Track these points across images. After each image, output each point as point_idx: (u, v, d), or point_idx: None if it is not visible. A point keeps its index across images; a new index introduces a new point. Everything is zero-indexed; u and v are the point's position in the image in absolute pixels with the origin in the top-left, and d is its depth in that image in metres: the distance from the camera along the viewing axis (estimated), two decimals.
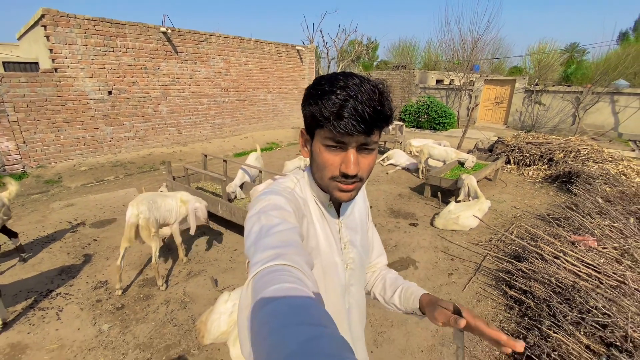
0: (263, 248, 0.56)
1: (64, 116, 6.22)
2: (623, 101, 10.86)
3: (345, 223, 0.86)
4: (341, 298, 0.86)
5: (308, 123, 0.72)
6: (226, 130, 9.43)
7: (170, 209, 3.14)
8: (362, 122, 0.63)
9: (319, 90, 0.66)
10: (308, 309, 0.43)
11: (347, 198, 0.73)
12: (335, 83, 0.65)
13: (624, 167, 5.80)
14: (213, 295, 2.90)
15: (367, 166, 0.70)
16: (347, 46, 19.43)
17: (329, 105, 0.64)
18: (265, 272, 0.50)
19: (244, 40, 9.19)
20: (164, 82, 7.64)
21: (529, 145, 7.19)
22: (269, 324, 0.41)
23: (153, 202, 2.98)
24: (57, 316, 2.61)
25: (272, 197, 0.70)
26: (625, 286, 2.40)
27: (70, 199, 5.19)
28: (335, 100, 0.63)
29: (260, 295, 0.46)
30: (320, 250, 0.79)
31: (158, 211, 2.99)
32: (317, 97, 0.66)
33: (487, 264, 3.44)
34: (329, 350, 0.36)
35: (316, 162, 0.73)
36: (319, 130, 0.69)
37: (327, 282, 0.81)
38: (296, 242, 0.59)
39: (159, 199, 3.09)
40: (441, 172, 5.51)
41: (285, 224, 0.63)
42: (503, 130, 12.34)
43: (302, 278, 0.50)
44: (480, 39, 12.30)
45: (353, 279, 0.88)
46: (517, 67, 25.01)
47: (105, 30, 6.42)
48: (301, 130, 0.77)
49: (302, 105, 0.72)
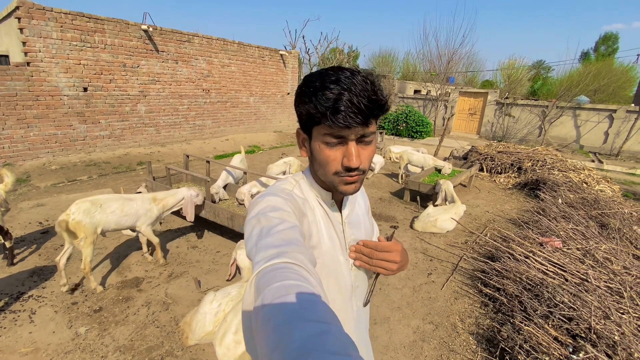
0: (265, 247, 0.55)
1: (35, 112, 5.92)
2: (584, 116, 11.72)
3: (348, 221, 0.85)
4: (348, 300, 0.83)
5: (304, 122, 0.71)
6: (207, 132, 9.29)
7: (131, 213, 2.93)
8: (360, 113, 0.62)
9: (312, 87, 0.65)
10: (312, 305, 0.43)
11: (353, 190, 0.73)
12: (326, 78, 0.64)
13: (585, 176, 6.26)
14: (196, 297, 2.86)
15: (367, 157, 0.70)
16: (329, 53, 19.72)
17: (324, 101, 0.63)
18: (268, 269, 0.50)
19: (228, 43, 9.15)
20: (143, 81, 7.45)
21: (500, 154, 7.61)
22: (272, 320, 0.40)
23: (101, 205, 2.75)
24: (30, 319, 2.48)
25: (270, 199, 0.69)
26: (588, 283, 2.61)
27: (40, 198, 4.93)
28: (330, 95, 0.62)
29: (264, 293, 0.45)
30: (323, 249, 0.77)
31: (105, 216, 2.74)
32: (310, 94, 0.65)
33: (464, 264, 3.61)
34: (332, 347, 0.36)
35: (317, 160, 0.72)
36: (316, 128, 0.68)
37: (331, 281, 0.79)
38: (298, 241, 0.59)
39: (115, 203, 2.86)
40: (420, 177, 5.72)
41: (285, 223, 0.62)
42: (476, 140, 12.93)
43: (306, 275, 0.50)
44: (456, 53, 12.91)
45: (358, 280, 0.86)
46: (489, 80, 26.33)
47: (82, 25, 6.20)
48: (297, 130, 0.76)
49: (295, 104, 0.71)
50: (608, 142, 11.39)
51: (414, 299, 3.00)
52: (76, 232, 2.63)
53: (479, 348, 2.43)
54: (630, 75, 20.46)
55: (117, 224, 2.87)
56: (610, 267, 2.84)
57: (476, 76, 24.89)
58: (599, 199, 4.75)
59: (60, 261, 2.74)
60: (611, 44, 28.28)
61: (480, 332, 2.60)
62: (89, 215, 2.67)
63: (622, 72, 19.31)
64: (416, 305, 2.92)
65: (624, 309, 2.31)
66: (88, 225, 2.65)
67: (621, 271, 2.78)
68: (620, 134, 11.09)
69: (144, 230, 3.08)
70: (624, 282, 2.58)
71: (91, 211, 2.69)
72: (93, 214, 2.69)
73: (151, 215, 3.09)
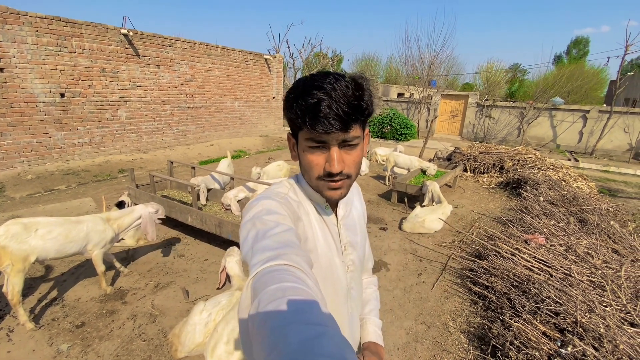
0: (261, 250, 0.55)
1: (9, 120, 5.65)
2: (560, 116, 12.19)
3: (343, 223, 0.85)
4: (344, 302, 0.84)
5: (291, 126, 0.72)
6: (190, 137, 9.13)
7: (79, 238, 2.59)
8: (338, 119, 0.62)
9: (295, 92, 0.66)
10: (309, 307, 0.43)
11: (338, 196, 0.73)
12: (309, 84, 0.65)
13: (563, 174, 6.50)
14: (185, 307, 2.78)
15: (352, 162, 0.70)
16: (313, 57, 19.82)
17: (304, 107, 0.63)
18: (265, 272, 0.49)
19: (211, 47, 9.05)
20: (123, 86, 7.26)
21: (483, 154, 7.80)
22: (269, 322, 0.40)
23: (36, 230, 2.42)
24: (7, 337, 2.34)
25: (265, 202, 0.69)
26: (572, 278, 2.69)
27: (15, 210, 4.70)
28: (310, 101, 0.63)
29: (260, 295, 0.45)
30: (319, 252, 0.77)
31: (42, 242, 2.41)
32: (293, 100, 0.66)
33: (453, 264, 3.66)
34: (329, 350, 0.36)
35: (302, 164, 0.73)
36: (300, 132, 0.69)
37: (327, 284, 0.79)
38: (294, 243, 0.58)
39: (58, 228, 2.51)
40: (406, 179, 5.79)
41: (281, 226, 0.62)
42: (459, 141, 13.23)
43: (303, 277, 0.49)
44: (437, 56, 13.22)
45: (353, 282, 0.87)
46: (469, 83, 27.11)
47: (59, 29, 6.00)
48: (288, 134, 0.77)
49: (283, 109, 0.72)
50: (583, 141, 11.87)
51: (405, 300, 3.01)
52: (0, 258, 2.28)
53: (471, 346, 2.46)
54: (600, 77, 21.53)
55: (59, 252, 2.51)
56: (592, 261, 2.94)
57: (457, 79, 25.56)
58: (577, 195, 4.92)
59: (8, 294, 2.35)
60: (582, 47, 29.64)
61: (471, 330, 2.63)
62: (17, 241, 2.32)
63: (593, 74, 20.27)
64: (408, 306, 2.93)
65: (606, 301, 2.39)
66: (15, 252, 2.31)
67: (602, 265, 2.89)
68: (593, 133, 11.59)
69: (95, 255, 2.73)
70: (605, 276, 2.67)
71: (21, 236, 2.34)
72: (24, 239, 2.35)
73: (105, 237, 2.76)
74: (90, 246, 2.70)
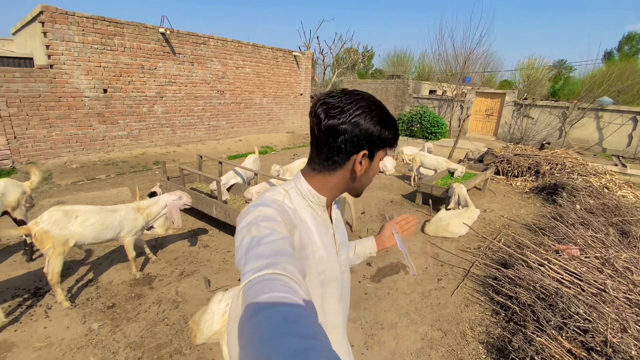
0: (254, 258, 0.55)
1: (57, 113, 6.16)
2: (607, 118, 11.27)
3: (336, 225, 0.88)
4: (339, 303, 0.87)
5: (368, 143, 0.76)
6: (221, 132, 9.44)
7: (114, 225, 2.79)
8: None
9: (386, 115, 0.77)
10: (300, 319, 0.42)
11: None
12: (382, 106, 0.78)
13: (606, 181, 6.01)
14: (206, 296, 2.90)
15: None
16: (343, 54, 19.70)
17: (394, 128, 0.79)
18: (257, 281, 0.49)
19: (242, 44, 9.26)
20: (160, 83, 7.64)
21: (517, 157, 7.40)
22: (258, 333, 0.40)
23: (76, 217, 2.62)
24: (45, 314, 2.58)
25: (262, 209, 0.69)
26: (606, 294, 2.51)
27: (60, 196, 5.13)
28: (395, 124, 0.80)
29: (251, 304, 0.45)
30: (320, 256, 0.79)
31: (80, 228, 2.60)
32: (385, 124, 0.76)
33: (475, 271, 3.53)
34: None
35: (373, 172, 0.83)
36: (381, 150, 0.80)
37: (327, 287, 0.81)
38: (288, 252, 0.58)
39: (95, 216, 2.71)
40: (432, 180, 5.63)
41: (276, 234, 0.62)
42: (493, 142, 12.63)
43: (295, 287, 0.49)
44: (472, 52, 12.64)
45: (345, 281, 0.90)
46: (508, 80, 25.68)
47: (103, 28, 6.41)
48: (362, 154, 0.76)
49: (373, 125, 0.74)
50: (632, 145, 10.91)
51: (422, 305, 2.95)
52: (43, 242, 2.48)
53: (488, 358, 2.37)
54: None
55: (96, 238, 2.71)
56: (631, 277, 2.72)
57: (494, 76, 24.33)
58: (620, 205, 4.55)
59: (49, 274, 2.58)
60: (635, 43, 27.14)
61: (490, 341, 2.53)
62: (59, 226, 2.51)
63: None
64: (425, 311, 2.87)
65: None
66: (56, 236, 2.50)
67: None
68: None
69: (127, 241, 2.93)
70: None
71: (63, 222, 2.54)
72: (65, 225, 2.55)
73: (136, 225, 2.95)
74: (123, 233, 2.90)
